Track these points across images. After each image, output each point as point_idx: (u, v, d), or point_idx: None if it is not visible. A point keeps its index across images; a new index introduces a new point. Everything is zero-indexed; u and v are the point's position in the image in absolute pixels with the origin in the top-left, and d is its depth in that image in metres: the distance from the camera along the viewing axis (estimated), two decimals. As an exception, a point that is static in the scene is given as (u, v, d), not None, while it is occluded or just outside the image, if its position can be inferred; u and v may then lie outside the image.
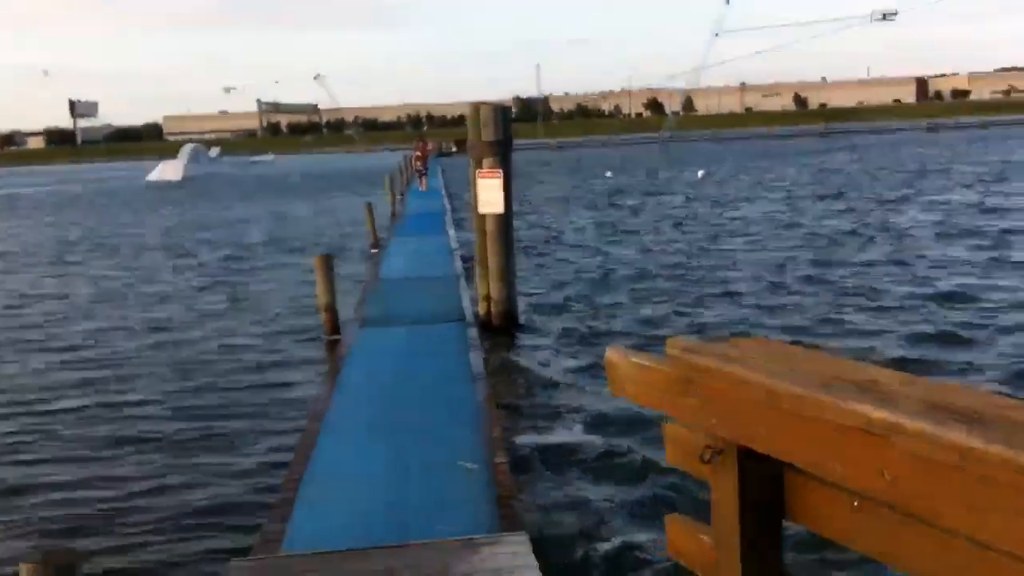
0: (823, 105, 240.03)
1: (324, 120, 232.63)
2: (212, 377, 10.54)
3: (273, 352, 11.65)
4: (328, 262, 11.77)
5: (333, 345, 10.96)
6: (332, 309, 11.64)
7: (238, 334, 12.78)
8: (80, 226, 32.80)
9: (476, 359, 9.03)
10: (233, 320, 13.75)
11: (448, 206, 28.43)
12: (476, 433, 6.68)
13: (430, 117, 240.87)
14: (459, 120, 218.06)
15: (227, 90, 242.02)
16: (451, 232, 20.73)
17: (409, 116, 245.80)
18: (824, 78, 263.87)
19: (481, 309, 11.96)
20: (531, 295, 14.18)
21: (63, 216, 38.55)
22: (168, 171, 73.93)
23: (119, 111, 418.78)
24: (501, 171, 11.50)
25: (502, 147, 11.63)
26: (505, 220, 11.72)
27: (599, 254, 18.63)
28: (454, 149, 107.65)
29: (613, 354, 3.11)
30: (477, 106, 11.85)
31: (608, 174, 51.03)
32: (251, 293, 16.00)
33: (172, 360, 11.47)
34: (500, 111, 11.80)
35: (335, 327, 11.54)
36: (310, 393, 9.09)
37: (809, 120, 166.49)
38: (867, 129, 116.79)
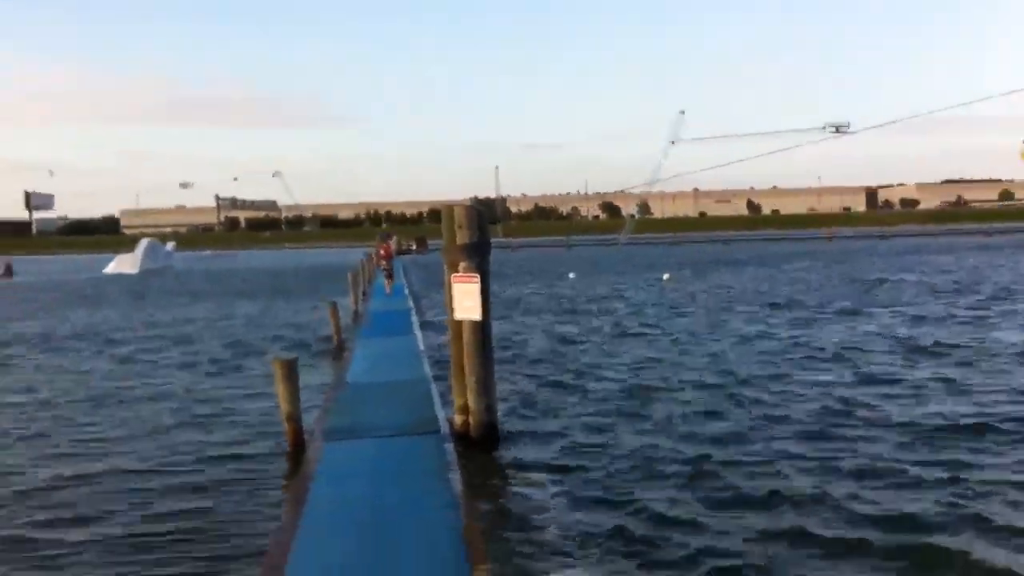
0: (775, 211, 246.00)
1: (283, 216, 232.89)
2: (156, 497, 9.42)
3: (228, 467, 10.51)
4: (291, 366, 10.86)
5: (296, 460, 9.98)
6: (295, 419, 10.69)
7: (186, 448, 11.59)
8: (32, 321, 31.37)
9: (455, 480, 8.15)
10: (182, 432, 12.56)
11: (414, 306, 27.64)
12: (458, 570, 5.89)
13: (388, 215, 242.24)
14: (417, 218, 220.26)
15: (184, 185, 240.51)
16: (419, 334, 19.86)
17: (368, 213, 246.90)
18: (775, 186, 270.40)
19: (458, 420, 11.06)
20: (508, 405, 13.26)
21: (13, 309, 37.00)
22: (125, 264, 73.18)
23: (77, 205, 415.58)
24: (478, 275, 10.73)
25: (479, 250, 10.90)
26: (483, 327, 10.89)
27: (575, 361, 17.80)
28: (414, 247, 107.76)
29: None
30: (451, 207, 11.11)
31: (571, 275, 50.83)
32: (203, 399, 14.86)
33: (104, 481, 10.25)
34: (476, 212, 11.08)
35: (298, 440, 10.57)
36: (271, 522, 8.11)
37: (763, 225, 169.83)
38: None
